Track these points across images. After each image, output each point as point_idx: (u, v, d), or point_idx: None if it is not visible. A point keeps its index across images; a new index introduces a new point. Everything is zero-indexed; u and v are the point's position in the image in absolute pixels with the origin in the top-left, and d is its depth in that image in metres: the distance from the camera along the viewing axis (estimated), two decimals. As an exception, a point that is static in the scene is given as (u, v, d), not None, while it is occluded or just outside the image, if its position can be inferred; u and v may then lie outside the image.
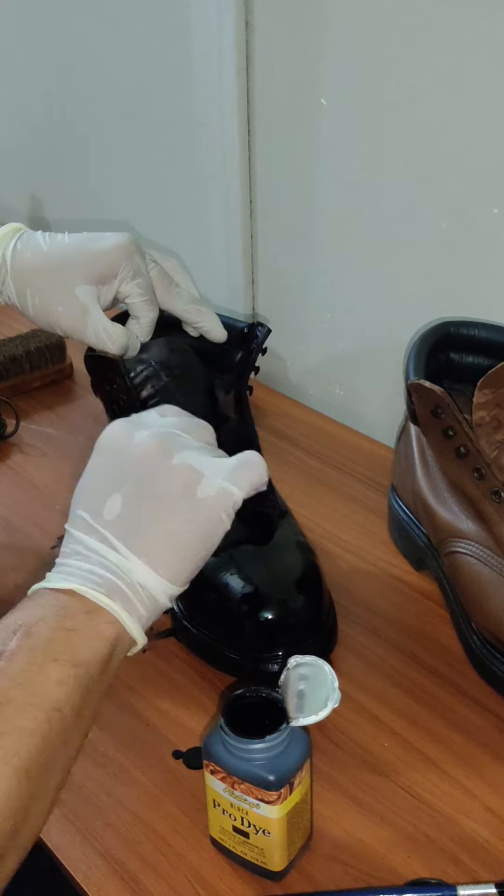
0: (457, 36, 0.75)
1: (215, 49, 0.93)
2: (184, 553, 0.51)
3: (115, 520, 0.51)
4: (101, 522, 0.51)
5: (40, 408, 1.03)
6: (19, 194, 1.37)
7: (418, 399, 0.69)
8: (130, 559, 0.50)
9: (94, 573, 0.50)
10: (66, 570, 0.50)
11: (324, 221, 0.94)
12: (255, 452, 0.54)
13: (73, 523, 0.52)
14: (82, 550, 0.51)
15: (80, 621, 0.48)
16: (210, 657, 0.69)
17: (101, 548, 0.50)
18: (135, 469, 0.52)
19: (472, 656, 0.69)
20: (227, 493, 0.52)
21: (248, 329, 0.77)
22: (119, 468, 0.52)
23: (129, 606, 0.50)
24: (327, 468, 0.93)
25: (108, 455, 0.54)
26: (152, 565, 0.50)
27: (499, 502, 0.65)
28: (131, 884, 0.56)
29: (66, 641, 0.47)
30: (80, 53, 1.15)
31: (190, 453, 0.52)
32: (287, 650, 0.65)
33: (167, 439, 0.53)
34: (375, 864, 0.56)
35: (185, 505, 0.51)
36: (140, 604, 0.50)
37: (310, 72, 0.88)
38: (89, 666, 0.48)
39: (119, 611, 0.49)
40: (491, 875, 0.56)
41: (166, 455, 0.52)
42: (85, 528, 0.51)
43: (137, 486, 0.51)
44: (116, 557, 0.50)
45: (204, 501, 0.51)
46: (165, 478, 0.51)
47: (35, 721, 0.45)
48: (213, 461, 0.53)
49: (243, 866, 0.56)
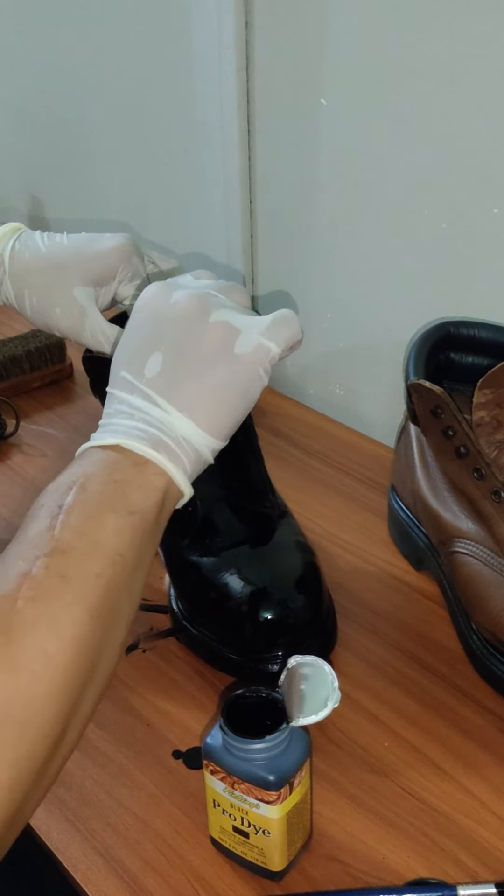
0: (457, 36, 0.75)
1: (215, 49, 0.93)
2: (224, 407, 0.53)
3: (155, 377, 0.52)
4: (143, 381, 0.52)
5: (40, 408, 1.03)
6: (19, 194, 1.37)
7: (418, 399, 0.69)
8: (172, 414, 0.51)
9: (139, 429, 0.51)
10: (111, 428, 0.52)
11: (324, 221, 0.94)
12: (290, 310, 0.56)
13: (114, 384, 0.54)
14: (125, 409, 0.52)
15: (131, 473, 0.50)
16: (210, 657, 0.69)
17: (143, 405, 0.52)
18: (173, 327, 0.53)
19: (472, 656, 0.69)
20: (264, 348, 0.53)
21: None
22: (158, 327, 0.54)
23: (174, 458, 0.51)
24: (327, 468, 0.93)
25: (146, 315, 0.55)
26: (194, 419, 0.52)
27: (499, 502, 0.65)
28: (131, 884, 0.56)
29: (119, 492, 0.49)
30: (80, 53, 1.15)
31: (226, 311, 0.54)
32: (287, 650, 0.65)
33: (204, 298, 0.54)
34: (375, 864, 0.56)
35: (223, 360, 0.53)
36: (185, 456, 0.51)
37: (310, 72, 0.88)
38: (144, 514, 0.49)
39: (166, 462, 0.51)
40: (491, 875, 0.56)
41: (204, 313, 0.53)
42: (127, 388, 0.53)
43: (176, 343, 0.53)
44: (159, 413, 0.51)
45: (242, 357, 0.53)
46: (203, 335, 0.53)
47: (100, 565, 0.46)
48: (249, 318, 0.54)
49: (243, 866, 0.56)
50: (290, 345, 0.55)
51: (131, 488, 0.49)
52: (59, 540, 0.46)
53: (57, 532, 0.46)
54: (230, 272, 1.05)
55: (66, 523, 0.46)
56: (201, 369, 0.52)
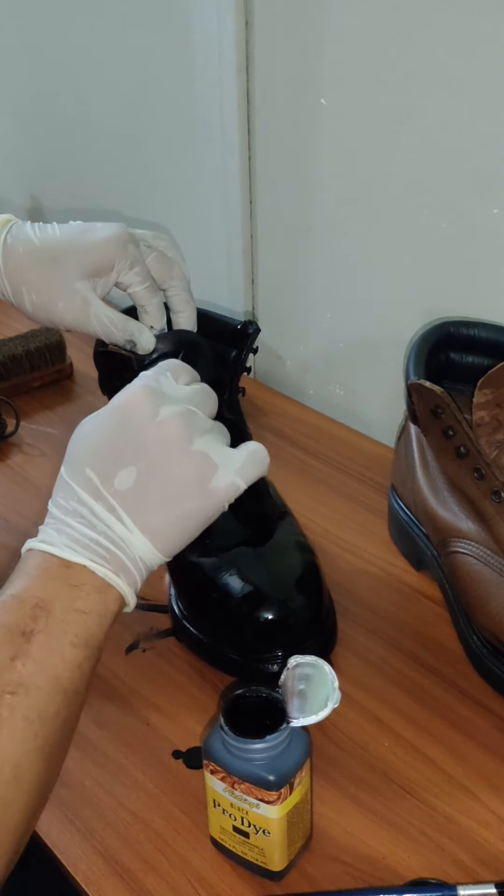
0: (457, 36, 0.75)
1: (215, 49, 0.93)
2: (185, 534, 0.54)
3: (126, 492, 0.52)
4: (111, 490, 0.52)
5: (40, 408, 1.03)
6: (19, 194, 1.37)
7: (418, 399, 0.69)
8: (135, 534, 0.52)
9: (101, 545, 0.52)
10: (70, 535, 0.52)
11: (323, 221, 0.94)
12: (260, 446, 0.57)
13: (75, 478, 0.53)
14: (87, 515, 0.52)
15: (93, 602, 0.51)
16: (210, 657, 0.69)
17: (107, 517, 0.52)
18: (155, 448, 0.53)
19: (472, 656, 0.69)
20: (235, 485, 0.54)
21: (241, 327, 0.77)
22: (138, 441, 0.53)
23: (130, 580, 0.52)
24: (327, 468, 0.93)
25: (128, 424, 0.54)
26: (153, 541, 0.52)
27: (499, 502, 0.65)
28: (131, 884, 0.56)
29: (81, 624, 0.50)
30: (81, 53, 1.15)
31: (207, 441, 0.55)
32: (287, 650, 0.65)
33: (189, 423, 0.54)
34: (375, 864, 0.56)
35: (197, 492, 0.53)
36: (138, 575, 0.53)
37: (310, 72, 0.88)
38: (99, 644, 0.51)
39: (124, 587, 0.52)
40: (491, 875, 0.56)
41: (187, 440, 0.54)
42: (91, 491, 0.52)
43: (154, 465, 0.53)
44: (122, 530, 0.52)
45: (214, 491, 0.54)
46: (184, 464, 0.53)
47: (58, 705, 0.48)
48: (226, 452, 0.55)
49: (243, 866, 0.56)
50: (256, 479, 0.56)
51: (91, 618, 0.50)
52: (23, 675, 0.47)
53: (21, 665, 0.48)
54: (230, 272, 1.05)
55: (31, 655, 0.48)
56: (173, 497, 0.53)
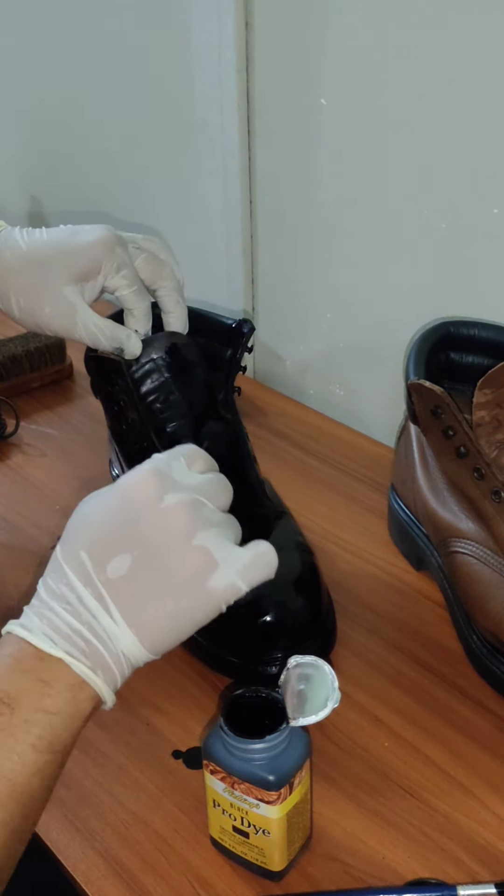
0: (457, 36, 0.75)
1: (215, 49, 0.93)
2: (174, 632, 0.50)
3: (118, 580, 0.49)
4: (102, 577, 0.49)
5: (40, 408, 1.03)
6: (19, 194, 1.37)
7: (418, 399, 0.69)
8: (121, 628, 0.49)
9: (82, 636, 0.48)
10: (51, 621, 0.49)
11: (323, 221, 0.94)
12: (269, 546, 0.52)
13: (68, 559, 0.50)
14: (73, 600, 0.49)
15: (63, 702, 0.47)
16: (209, 660, 0.69)
17: (94, 606, 0.49)
18: (154, 536, 0.50)
19: (472, 656, 0.69)
20: (235, 587, 0.50)
21: (237, 326, 0.77)
22: (137, 527, 0.50)
23: (109, 678, 0.49)
24: (327, 468, 0.93)
25: (129, 508, 0.51)
26: (140, 637, 0.49)
27: (499, 502, 0.65)
28: (131, 884, 0.56)
29: (47, 725, 0.46)
30: (80, 53, 1.15)
31: (211, 535, 0.50)
32: (286, 652, 0.64)
33: (193, 514, 0.50)
34: (375, 864, 0.56)
35: (192, 590, 0.50)
36: (119, 673, 0.49)
37: (310, 72, 0.88)
38: (65, 748, 0.48)
39: (101, 685, 0.48)
40: (491, 875, 0.56)
41: (189, 533, 0.50)
42: (82, 576, 0.49)
43: (151, 555, 0.49)
44: (107, 622, 0.48)
45: (212, 591, 0.50)
46: (182, 558, 0.50)
47: (9, 813, 0.45)
48: (230, 550, 0.51)
49: (243, 866, 0.56)
50: (260, 582, 0.52)
51: (61, 721, 0.47)
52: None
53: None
54: (230, 272, 1.05)
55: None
56: (167, 593, 0.49)
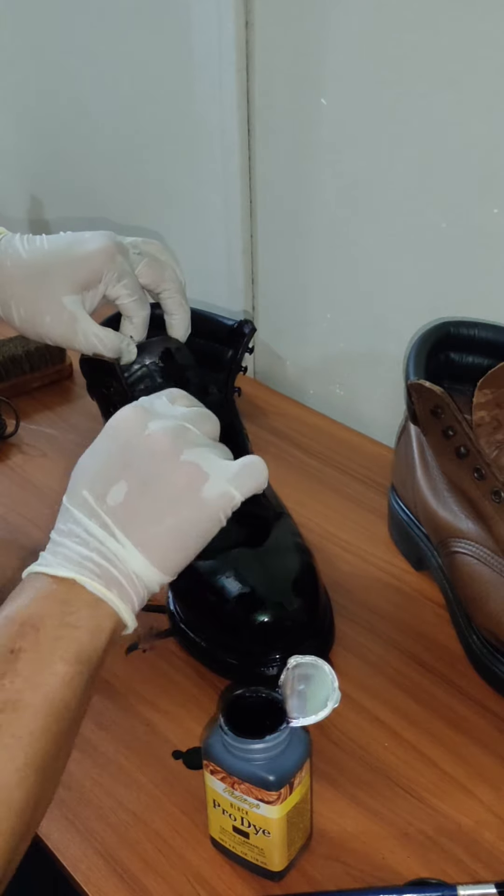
0: (457, 36, 0.75)
1: (215, 49, 0.93)
2: (180, 547, 0.53)
3: (117, 507, 0.52)
4: (104, 507, 0.52)
5: (40, 408, 1.03)
6: (19, 194, 1.37)
7: (418, 399, 0.69)
8: (128, 548, 0.51)
9: (93, 560, 0.51)
10: (65, 555, 0.51)
11: (324, 221, 0.94)
12: (258, 458, 0.55)
13: (72, 500, 0.53)
14: (81, 533, 0.52)
15: (84, 617, 0.50)
16: (208, 661, 0.69)
17: (100, 533, 0.51)
18: (143, 460, 0.53)
19: (472, 656, 0.69)
20: (229, 495, 0.53)
21: (237, 326, 0.77)
22: (128, 456, 0.53)
23: (124, 596, 0.51)
24: (327, 468, 0.93)
25: (118, 440, 0.54)
26: (148, 556, 0.51)
27: (499, 502, 0.65)
28: (131, 884, 0.56)
29: (71, 639, 0.49)
30: (80, 53, 1.15)
31: (198, 451, 0.53)
32: (284, 653, 0.64)
33: (178, 434, 0.54)
34: (375, 864, 0.56)
35: (188, 502, 0.52)
36: (134, 592, 0.51)
37: (310, 72, 0.88)
38: (91, 661, 0.50)
39: (117, 602, 0.51)
40: (491, 875, 0.56)
41: (176, 451, 0.53)
42: (87, 510, 0.52)
43: (144, 477, 0.52)
44: (115, 545, 0.51)
45: (206, 501, 0.52)
46: (172, 474, 0.52)
47: (48, 722, 0.47)
48: (219, 462, 0.54)
49: (243, 866, 0.56)
50: (254, 492, 0.55)
51: (83, 633, 0.49)
52: (11, 692, 0.47)
53: (9, 682, 0.47)
54: (230, 272, 1.05)
55: (19, 672, 0.47)
56: (164, 508, 0.52)
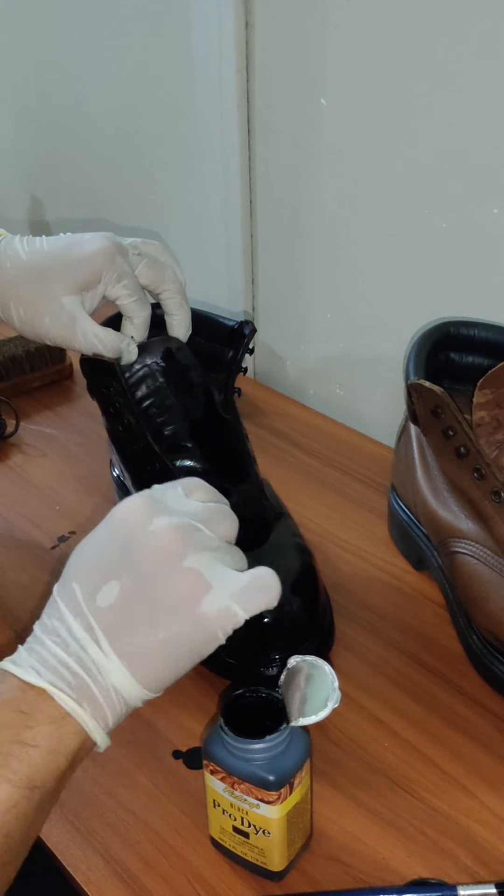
0: (457, 36, 0.75)
1: (215, 49, 0.93)
2: (169, 664, 0.48)
3: (106, 609, 0.47)
4: (92, 607, 0.48)
5: (40, 408, 1.03)
6: (19, 194, 1.37)
7: (418, 399, 0.69)
8: (110, 658, 0.47)
9: (69, 667, 0.47)
10: (40, 656, 0.47)
11: (323, 221, 0.94)
12: (272, 571, 0.50)
13: (62, 592, 0.49)
14: (63, 633, 0.48)
15: (43, 735, 0.45)
16: (207, 661, 0.69)
17: (83, 637, 0.47)
18: (141, 560, 0.48)
19: (472, 656, 0.69)
20: (230, 612, 0.48)
21: (238, 327, 0.77)
22: (126, 552, 0.48)
23: (97, 713, 0.47)
24: (327, 468, 0.93)
25: (118, 533, 0.49)
26: (132, 670, 0.47)
27: (499, 502, 0.65)
28: (131, 884, 0.56)
29: (24, 759, 0.45)
30: (80, 53, 1.15)
31: (205, 556, 0.49)
32: (283, 653, 0.64)
33: (184, 536, 0.49)
34: (375, 864, 0.56)
35: (183, 615, 0.47)
36: (109, 709, 0.47)
37: (310, 72, 0.88)
38: (45, 785, 0.45)
39: (87, 720, 0.47)
40: (491, 875, 0.56)
41: (179, 555, 0.48)
42: (73, 607, 0.48)
43: (139, 580, 0.48)
44: (96, 653, 0.47)
45: (205, 616, 0.47)
46: (171, 580, 0.48)
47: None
48: (225, 573, 0.49)
49: (243, 866, 0.56)
50: (262, 610, 0.49)
51: (40, 754, 0.45)
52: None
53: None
54: (230, 272, 1.05)
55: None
56: (157, 618, 0.47)
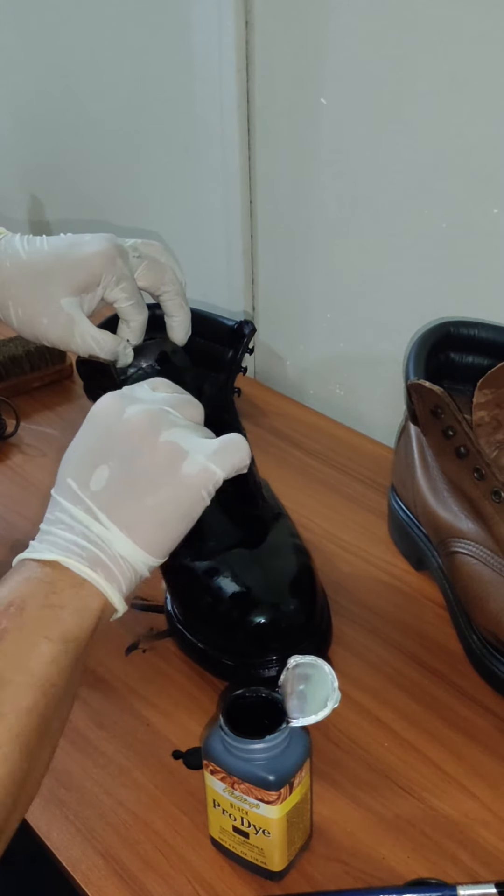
0: (457, 36, 0.75)
1: (215, 49, 0.93)
2: (164, 526, 0.53)
3: (100, 491, 0.52)
4: (87, 493, 0.52)
5: (40, 408, 1.03)
6: (19, 194, 1.37)
7: (418, 399, 0.69)
8: (112, 530, 0.52)
9: (78, 544, 0.51)
10: (51, 540, 0.52)
11: (323, 221, 0.94)
12: (239, 435, 0.55)
13: (59, 490, 0.54)
14: (66, 519, 0.52)
15: (68, 597, 0.50)
16: (205, 662, 0.69)
17: (84, 518, 0.52)
18: (122, 443, 0.53)
19: (472, 656, 0.69)
20: (209, 471, 0.53)
21: (238, 326, 0.77)
22: (107, 441, 0.54)
23: (110, 577, 0.51)
24: (327, 468, 0.93)
25: (98, 427, 0.55)
26: (132, 537, 0.52)
27: (499, 502, 0.65)
28: (131, 884, 0.56)
29: (55, 619, 0.49)
30: (81, 53, 1.15)
31: (177, 431, 0.54)
32: (280, 654, 0.64)
33: (156, 416, 0.54)
34: (375, 864, 0.56)
35: (168, 480, 0.52)
36: (121, 574, 0.52)
37: (310, 72, 0.88)
38: (78, 640, 0.50)
39: (102, 582, 0.51)
40: (491, 875, 0.56)
41: (154, 431, 0.53)
42: (71, 497, 0.53)
43: (124, 459, 0.53)
44: (99, 528, 0.52)
45: (186, 478, 0.53)
46: (151, 453, 0.53)
47: (33, 699, 0.47)
48: (198, 440, 0.54)
49: (243, 866, 0.56)
50: (237, 469, 0.55)
51: (67, 612, 0.50)
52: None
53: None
54: (230, 272, 1.05)
55: (3, 651, 0.47)
56: (145, 488, 0.52)
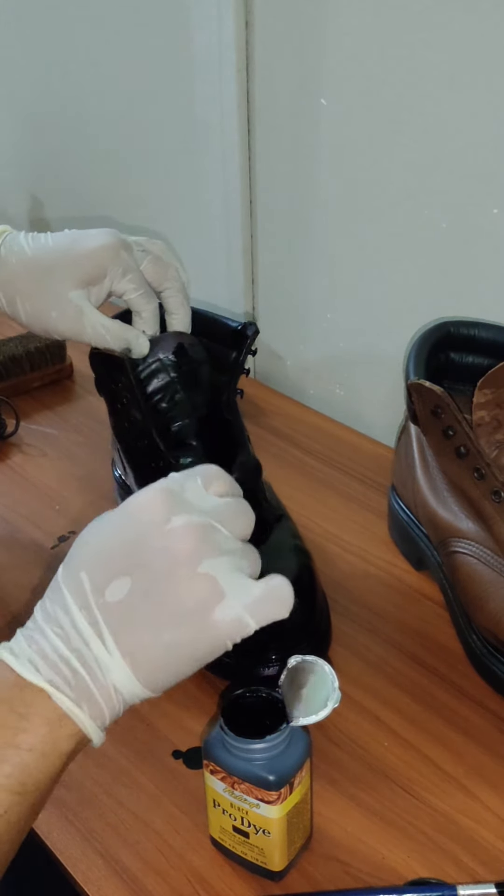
0: (457, 36, 0.75)
1: (215, 49, 0.93)
2: (172, 667, 0.47)
3: (114, 605, 0.46)
4: (100, 601, 0.46)
5: (40, 408, 1.03)
6: (19, 194, 1.37)
7: (418, 399, 0.69)
8: (113, 656, 0.45)
9: (69, 664, 0.45)
10: (40, 647, 0.46)
11: (324, 221, 0.94)
12: (286, 581, 0.48)
13: (67, 579, 0.47)
14: (65, 624, 0.46)
15: (39, 738, 0.44)
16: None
17: (86, 631, 0.45)
18: (156, 559, 0.46)
19: (472, 656, 0.69)
20: (242, 623, 0.46)
21: (241, 328, 0.77)
22: (139, 548, 0.47)
23: (95, 713, 0.45)
24: (327, 468, 0.93)
25: (133, 526, 0.47)
26: (134, 669, 0.46)
27: (499, 502, 0.65)
28: (131, 884, 0.56)
29: (18, 763, 0.44)
30: (81, 53, 1.15)
31: (221, 562, 0.47)
32: (280, 654, 0.64)
33: (203, 536, 0.47)
34: (375, 864, 0.56)
35: (194, 621, 0.46)
36: (108, 708, 0.46)
37: (310, 72, 0.88)
38: (38, 788, 0.44)
39: (85, 721, 0.45)
40: (491, 875, 0.56)
41: (195, 558, 0.46)
42: (79, 599, 0.46)
43: (152, 579, 0.46)
44: (99, 649, 0.45)
45: (215, 624, 0.46)
46: (185, 584, 0.46)
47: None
48: (239, 581, 0.47)
49: (243, 866, 0.56)
50: (272, 621, 0.47)
51: (34, 757, 0.44)
52: None
53: None
54: (230, 272, 1.05)
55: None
56: (165, 621, 0.45)
